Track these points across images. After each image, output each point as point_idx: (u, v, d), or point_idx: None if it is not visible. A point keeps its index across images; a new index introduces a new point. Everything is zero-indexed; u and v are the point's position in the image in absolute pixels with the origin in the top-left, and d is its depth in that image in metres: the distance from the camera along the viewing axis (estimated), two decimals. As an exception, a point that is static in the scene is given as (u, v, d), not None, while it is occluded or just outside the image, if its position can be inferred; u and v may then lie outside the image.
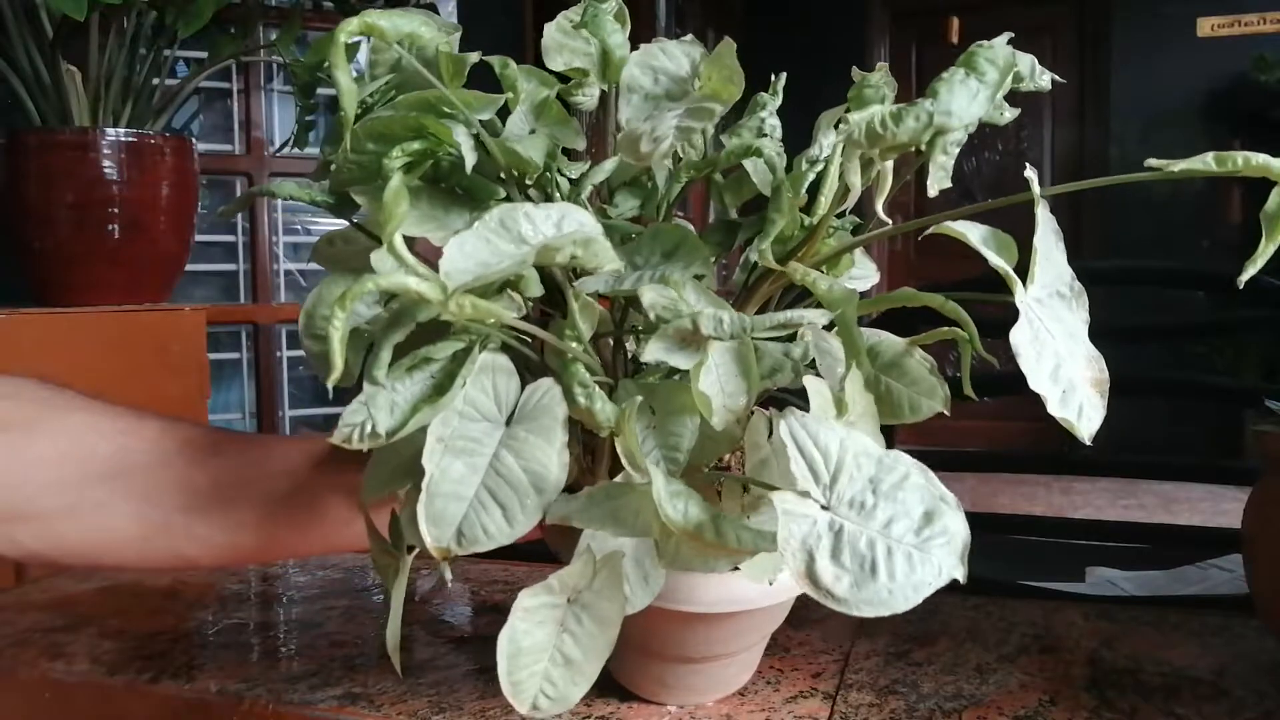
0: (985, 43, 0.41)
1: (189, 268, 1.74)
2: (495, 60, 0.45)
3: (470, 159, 0.42)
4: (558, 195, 0.46)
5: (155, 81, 1.58)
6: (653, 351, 0.39)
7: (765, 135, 0.46)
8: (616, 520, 0.37)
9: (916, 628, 0.63)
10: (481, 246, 0.36)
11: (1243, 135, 4.07)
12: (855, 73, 0.45)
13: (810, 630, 0.61)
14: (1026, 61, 0.46)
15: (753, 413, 0.41)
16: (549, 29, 0.47)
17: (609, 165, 0.47)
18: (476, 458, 0.37)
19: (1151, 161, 0.39)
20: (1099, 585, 1.74)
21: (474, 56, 0.44)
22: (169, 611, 0.68)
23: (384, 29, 0.41)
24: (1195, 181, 4.14)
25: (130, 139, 1.48)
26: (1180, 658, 0.58)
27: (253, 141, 2.23)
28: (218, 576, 0.76)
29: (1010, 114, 0.46)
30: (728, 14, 4.40)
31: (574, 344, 0.39)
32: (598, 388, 0.39)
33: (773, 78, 0.48)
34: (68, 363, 1.38)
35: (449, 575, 0.41)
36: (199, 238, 1.77)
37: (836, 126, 0.45)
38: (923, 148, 0.40)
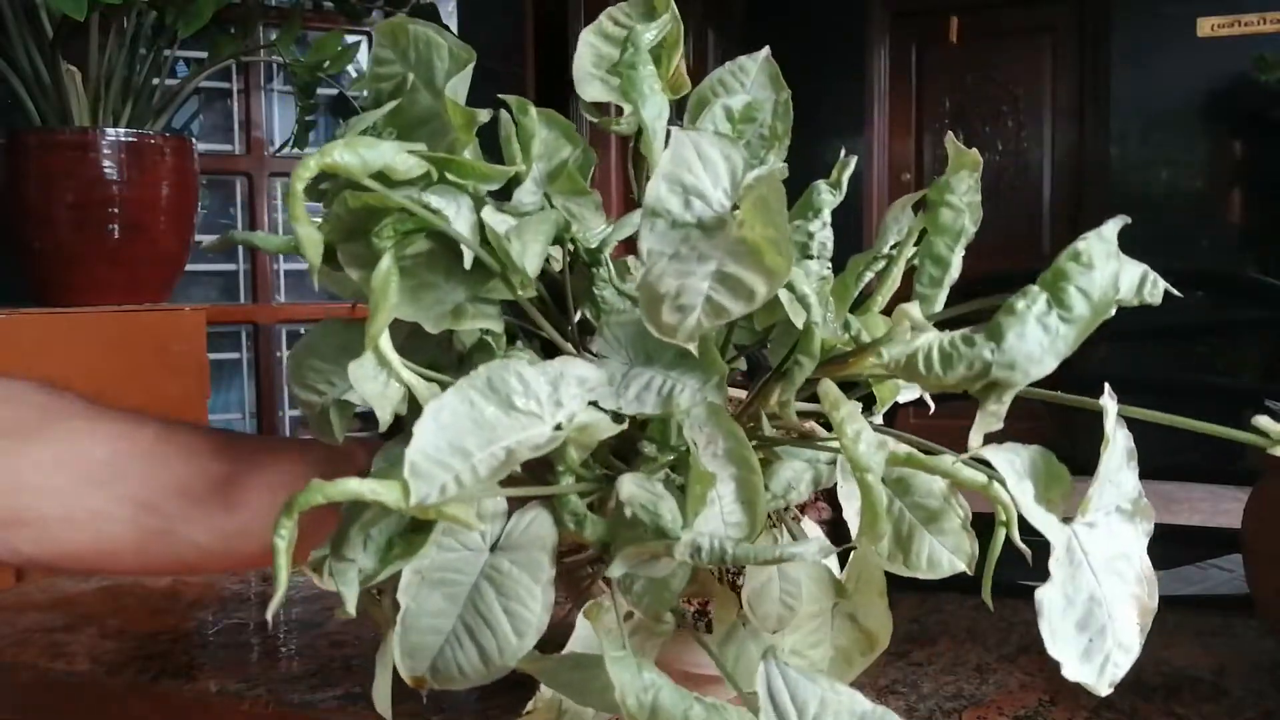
0: (1083, 249, 0.31)
1: (189, 268, 1.74)
2: (513, 101, 0.40)
3: (470, 256, 0.36)
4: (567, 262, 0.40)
5: (155, 81, 1.59)
6: (616, 569, 0.34)
7: (811, 256, 0.38)
8: (583, 692, 0.34)
9: (916, 627, 0.63)
10: (463, 413, 0.31)
11: (1243, 136, 4.07)
12: (951, 147, 0.36)
13: (810, 630, 0.61)
14: (1134, 275, 0.36)
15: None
16: (582, 49, 0.40)
17: (635, 220, 0.38)
18: (456, 588, 0.35)
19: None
20: (1099, 585, 1.74)
21: (484, 115, 0.38)
22: (169, 611, 0.68)
23: (350, 166, 0.34)
24: (1195, 180, 4.14)
25: (130, 139, 1.48)
26: (1180, 657, 0.58)
27: (253, 141, 2.23)
28: (218, 577, 0.76)
29: (1155, 294, 0.36)
30: (727, 14, 4.41)
31: (566, 479, 0.35)
32: (590, 513, 0.35)
33: (841, 157, 0.38)
34: (68, 363, 1.38)
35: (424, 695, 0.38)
36: (199, 238, 1.77)
37: (915, 210, 0.38)
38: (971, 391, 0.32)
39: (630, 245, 0.37)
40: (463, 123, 0.37)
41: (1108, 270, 0.31)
